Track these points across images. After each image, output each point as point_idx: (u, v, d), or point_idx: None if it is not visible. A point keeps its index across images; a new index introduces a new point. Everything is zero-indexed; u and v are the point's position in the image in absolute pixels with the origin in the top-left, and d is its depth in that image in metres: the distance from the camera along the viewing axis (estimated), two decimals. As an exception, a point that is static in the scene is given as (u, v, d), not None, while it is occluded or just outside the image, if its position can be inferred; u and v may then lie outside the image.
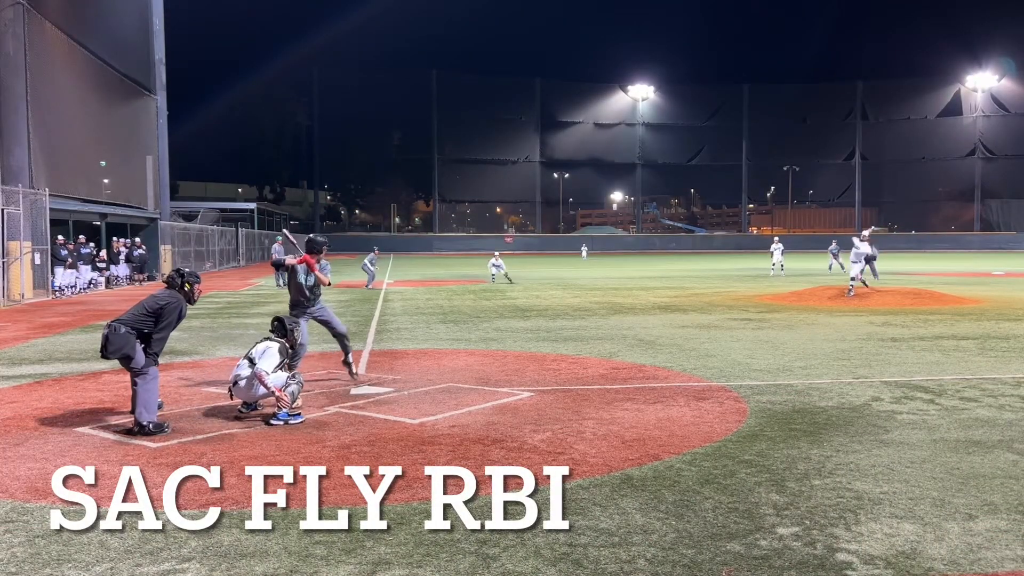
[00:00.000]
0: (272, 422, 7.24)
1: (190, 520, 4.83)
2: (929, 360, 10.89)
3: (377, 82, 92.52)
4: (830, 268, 36.11)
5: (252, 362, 7.49)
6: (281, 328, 8.14)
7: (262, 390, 7.34)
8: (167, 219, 38.78)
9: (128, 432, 7.01)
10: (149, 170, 37.73)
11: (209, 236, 45.46)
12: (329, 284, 9.62)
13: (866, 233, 22.57)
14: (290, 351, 8.06)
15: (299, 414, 7.38)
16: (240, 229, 52.95)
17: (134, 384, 7.10)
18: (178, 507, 5.05)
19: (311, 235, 10.01)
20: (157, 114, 38.73)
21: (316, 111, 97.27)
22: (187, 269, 7.71)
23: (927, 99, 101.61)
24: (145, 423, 6.96)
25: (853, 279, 21.13)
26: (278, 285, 28.39)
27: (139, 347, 7.11)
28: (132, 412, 7.09)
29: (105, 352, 7.07)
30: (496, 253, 33.86)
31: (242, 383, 7.45)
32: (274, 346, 7.75)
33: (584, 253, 68.79)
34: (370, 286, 27.52)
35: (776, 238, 40.83)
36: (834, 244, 38.08)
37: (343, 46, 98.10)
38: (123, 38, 35.60)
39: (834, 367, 10.35)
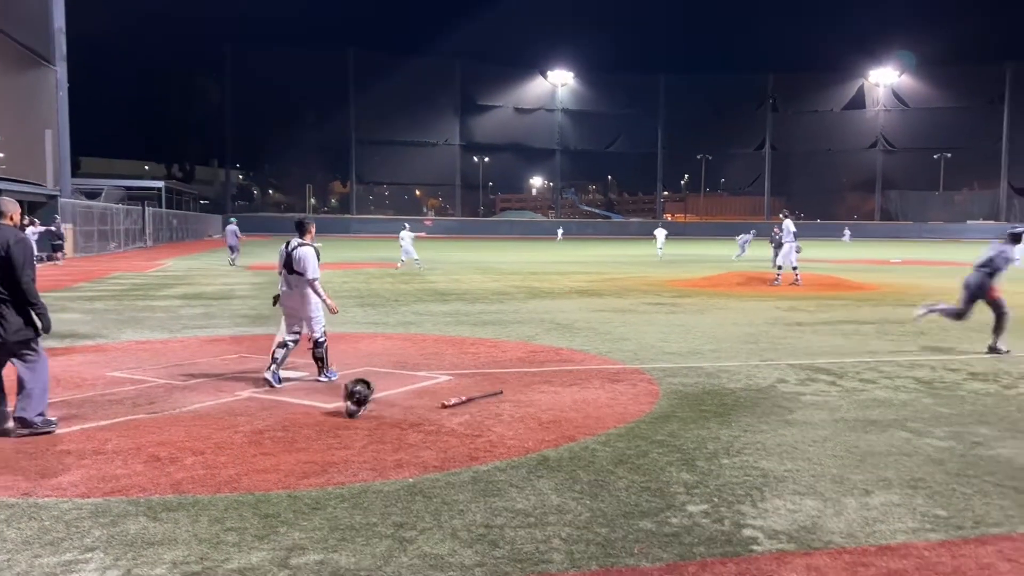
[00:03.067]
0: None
1: (93, 508, 4.66)
2: (831, 343, 11.37)
3: (292, 60, 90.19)
4: (736, 257, 37.32)
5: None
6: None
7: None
8: (68, 196, 37.01)
9: (4, 433, 6.18)
10: (48, 144, 35.90)
11: (114, 215, 43.62)
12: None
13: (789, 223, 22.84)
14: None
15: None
16: (147, 208, 50.98)
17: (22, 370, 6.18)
18: (80, 495, 4.88)
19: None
20: (57, 86, 36.83)
21: (228, 88, 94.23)
22: None
23: (833, 92, 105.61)
24: (32, 418, 6.18)
25: (795, 268, 21.56)
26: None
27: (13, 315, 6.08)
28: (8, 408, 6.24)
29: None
30: (407, 225, 32.34)
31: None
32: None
33: (559, 235, 68.66)
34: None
35: (659, 223, 43.05)
36: (753, 233, 39.60)
37: (257, 22, 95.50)
38: (19, 5, 33.67)
39: (743, 350, 10.70)
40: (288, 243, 8.28)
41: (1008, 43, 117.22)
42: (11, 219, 6.33)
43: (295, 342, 8.33)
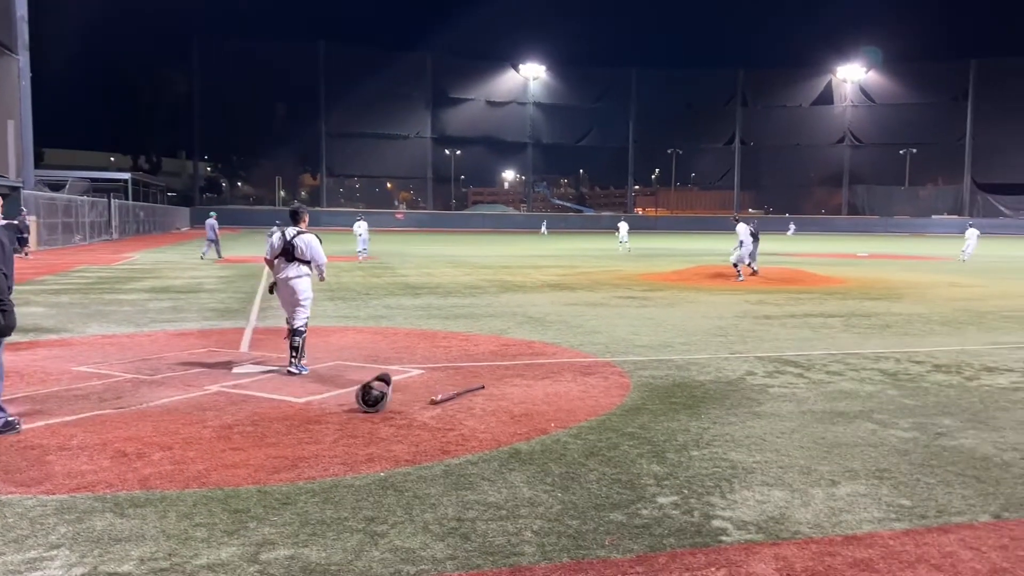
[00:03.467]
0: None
1: (58, 505, 4.59)
2: (799, 336, 11.51)
3: (262, 51, 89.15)
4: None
5: None
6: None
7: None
8: (31, 188, 36.29)
9: None
10: (10, 135, 35.18)
11: (79, 207, 42.85)
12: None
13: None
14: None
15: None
16: (113, 200, 50.15)
17: None
18: (45, 492, 4.80)
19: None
20: (19, 75, 36.08)
21: (196, 79, 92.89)
22: None
23: (802, 88, 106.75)
24: None
25: (736, 265, 21.62)
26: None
27: None
28: None
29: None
30: (360, 216, 32.09)
31: None
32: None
33: (544, 229, 69.03)
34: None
35: (622, 217, 44.10)
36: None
37: (225, 12, 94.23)
38: (-21, -9, 32.94)
39: (712, 343, 10.79)
40: (284, 232, 8.45)
41: (972, 41, 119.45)
42: None
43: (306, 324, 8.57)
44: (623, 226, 42.78)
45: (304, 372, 8.34)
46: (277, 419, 6.55)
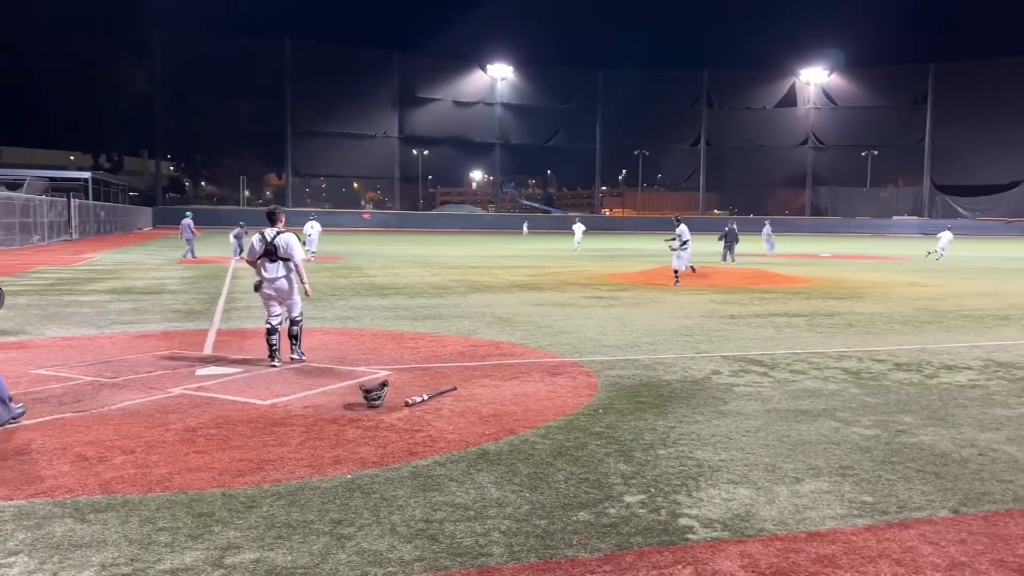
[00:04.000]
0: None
1: (16, 511, 4.49)
2: (763, 336, 11.65)
3: (225, 48, 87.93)
4: (770, 248, 39.94)
5: None
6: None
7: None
8: (-13, 187, 35.47)
9: None
10: (-35, 133, 34.31)
11: (37, 207, 41.96)
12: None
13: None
14: None
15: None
16: (72, 200, 49.20)
17: None
18: (3, 498, 4.70)
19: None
20: (-26, 72, 35.24)
21: (158, 76, 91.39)
22: None
23: (766, 90, 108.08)
24: None
25: (678, 271, 20.49)
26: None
27: None
28: None
29: None
30: (312, 215, 31.97)
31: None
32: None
33: (525, 229, 69.73)
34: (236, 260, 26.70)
35: (577, 219, 45.58)
36: (767, 226, 42.57)
37: (186, 7, 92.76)
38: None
39: (678, 343, 10.88)
40: (263, 233, 8.88)
41: (931, 45, 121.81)
42: None
43: (281, 322, 9.05)
44: (579, 228, 43.85)
45: (303, 359, 8.98)
46: (242, 421, 6.48)
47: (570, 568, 3.84)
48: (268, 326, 8.96)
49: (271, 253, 8.80)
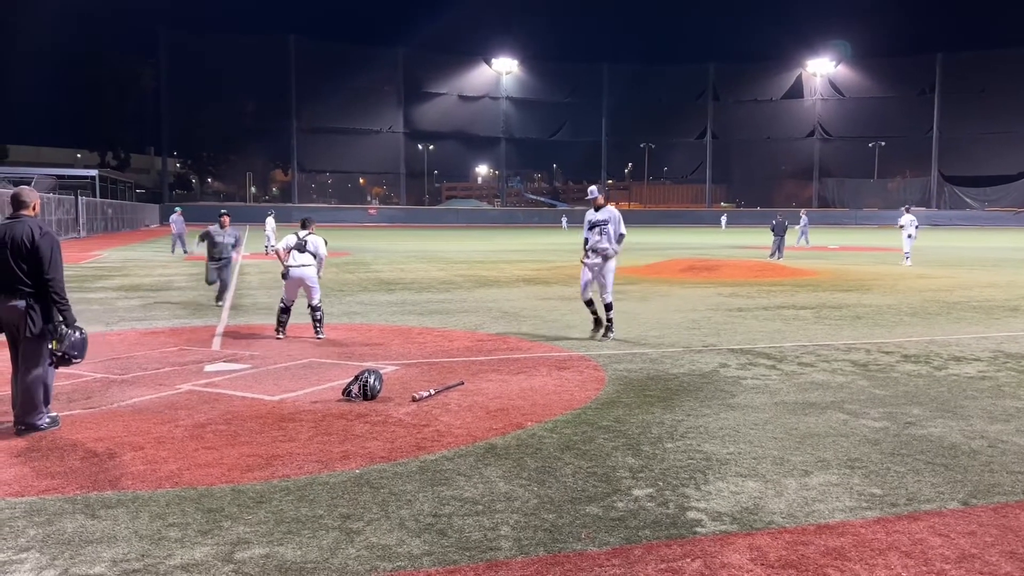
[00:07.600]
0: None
1: (27, 507, 4.52)
2: (771, 329, 11.62)
3: (230, 45, 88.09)
4: (806, 242, 39.00)
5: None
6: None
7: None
8: (-5, 186, 35.63)
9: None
10: (-28, 132, 34.46)
11: (44, 205, 42.14)
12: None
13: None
14: None
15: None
16: (80, 197, 49.40)
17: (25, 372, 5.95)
18: (13, 494, 4.73)
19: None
20: (-19, 70, 35.38)
21: (164, 74, 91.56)
22: None
23: (772, 82, 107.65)
24: (40, 423, 6.01)
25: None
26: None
27: (36, 316, 5.89)
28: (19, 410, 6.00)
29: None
30: (271, 212, 31.75)
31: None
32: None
33: (564, 224, 66.29)
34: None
35: (563, 214, 46.26)
36: (804, 218, 41.01)
37: (192, 5, 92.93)
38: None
39: (685, 336, 10.87)
40: (298, 234, 10.88)
41: (938, 35, 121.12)
42: (33, 209, 6.18)
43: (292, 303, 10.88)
44: (564, 219, 43.69)
45: (323, 337, 10.58)
46: (250, 417, 6.50)
47: (578, 562, 3.85)
48: (282, 305, 10.81)
49: (301, 248, 10.77)
